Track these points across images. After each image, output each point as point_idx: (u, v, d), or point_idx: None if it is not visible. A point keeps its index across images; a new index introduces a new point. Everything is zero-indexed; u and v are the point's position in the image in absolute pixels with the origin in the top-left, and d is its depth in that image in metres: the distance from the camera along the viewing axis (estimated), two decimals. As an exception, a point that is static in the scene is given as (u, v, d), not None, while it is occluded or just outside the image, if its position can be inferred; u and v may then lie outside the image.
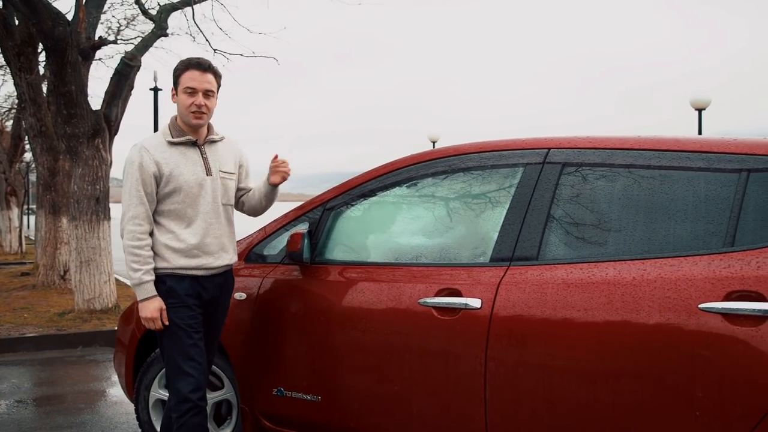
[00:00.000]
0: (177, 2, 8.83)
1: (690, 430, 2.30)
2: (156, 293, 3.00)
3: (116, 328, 4.24)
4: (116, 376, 4.46)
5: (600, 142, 2.75)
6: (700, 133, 15.02)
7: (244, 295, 3.39)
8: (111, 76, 8.40)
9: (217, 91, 3.17)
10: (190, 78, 3.06)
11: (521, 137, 2.97)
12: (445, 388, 2.78)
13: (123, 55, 8.54)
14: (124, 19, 10.79)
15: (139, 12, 9.17)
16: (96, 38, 8.63)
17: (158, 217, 3.06)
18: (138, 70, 8.54)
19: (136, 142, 3.13)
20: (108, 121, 8.25)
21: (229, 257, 3.19)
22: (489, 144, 3.03)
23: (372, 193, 3.26)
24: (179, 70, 3.10)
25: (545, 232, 2.70)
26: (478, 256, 2.92)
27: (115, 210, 9.74)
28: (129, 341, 3.82)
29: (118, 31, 10.70)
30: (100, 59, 10.73)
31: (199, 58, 3.14)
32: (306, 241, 3.19)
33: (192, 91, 3.05)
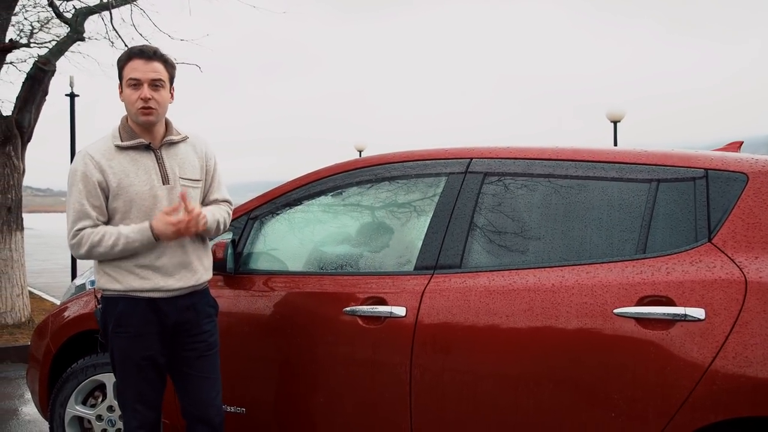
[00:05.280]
0: (94, 6, 8.56)
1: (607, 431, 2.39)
2: (148, 225, 2.60)
3: (30, 343, 4.06)
4: (29, 394, 4.28)
5: (520, 152, 2.83)
6: (615, 144, 15.61)
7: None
8: (23, 80, 8.06)
9: (171, 83, 2.74)
10: (133, 68, 2.64)
11: (445, 147, 3.02)
12: (370, 396, 2.79)
13: (36, 59, 8.22)
14: (38, 21, 10.36)
15: (54, 15, 8.85)
16: (7, 41, 8.28)
17: None
18: (52, 75, 8.23)
19: (82, 147, 2.74)
20: (20, 127, 7.92)
21: (195, 277, 2.75)
22: (413, 153, 3.06)
23: (297, 201, 3.25)
24: (122, 61, 2.68)
25: (468, 241, 2.75)
26: (403, 264, 2.95)
27: (29, 220, 9.33)
28: (43, 357, 3.67)
29: (31, 34, 10.27)
30: (11, 63, 10.26)
31: (143, 45, 2.72)
32: (230, 250, 3.14)
33: (136, 83, 2.63)
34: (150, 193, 2.66)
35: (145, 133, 2.71)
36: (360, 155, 21.65)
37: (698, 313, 2.28)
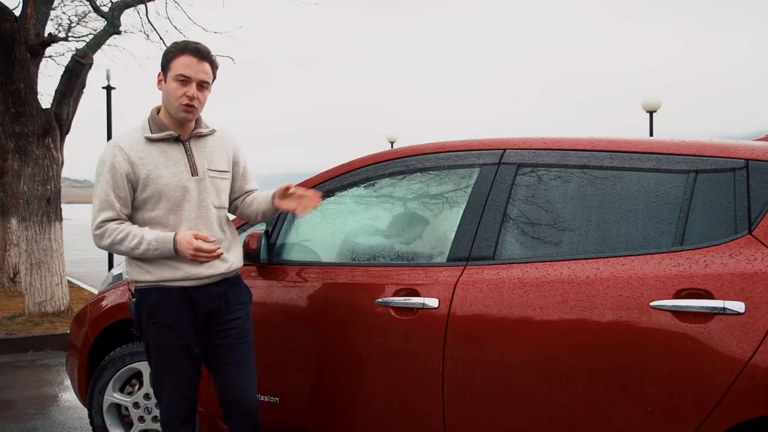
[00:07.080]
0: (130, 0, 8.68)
1: (642, 426, 2.36)
2: (172, 236, 2.63)
3: (69, 331, 4.15)
4: (69, 381, 4.37)
5: (554, 143, 2.80)
6: (651, 134, 15.35)
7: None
8: (62, 74, 8.21)
9: (212, 84, 2.78)
10: (185, 65, 2.65)
11: (478, 138, 3.00)
12: (403, 387, 2.79)
13: (74, 52, 8.35)
14: (75, 15, 10.54)
15: (91, 9, 8.98)
16: (45, 35, 8.43)
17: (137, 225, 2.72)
18: (90, 68, 8.37)
19: (112, 139, 2.72)
20: (59, 119, 8.07)
21: (226, 265, 2.78)
22: (446, 144, 3.05)
23: (329, 193, 3.25)
24: (172, 53, 2.68)
25: (501, 232, 2.73)
26: (436, 256, 2.94)
27: (68, 211, 9.51)
28: (82, 344, 3.74)
29: (69, 28, 10.45)
30: (50, 56, 10.46)
31: (197, 43, 2.72)
32: (263, 241, 3.17)
33: (185, 80, 2.65)
34: (179, 185, 2.70)
35: (176, 126, 2.74)
36: (392, 146, 21.63)
37: (738, 306, 2.23)
